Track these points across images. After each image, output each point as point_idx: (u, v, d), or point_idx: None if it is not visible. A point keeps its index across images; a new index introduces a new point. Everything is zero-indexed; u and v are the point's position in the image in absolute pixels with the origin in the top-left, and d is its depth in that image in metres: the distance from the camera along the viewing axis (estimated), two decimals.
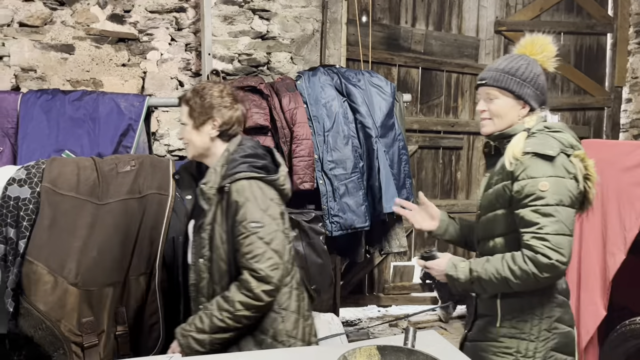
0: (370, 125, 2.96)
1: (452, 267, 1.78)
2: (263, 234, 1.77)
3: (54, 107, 2.65)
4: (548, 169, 1.66)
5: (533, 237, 1.65)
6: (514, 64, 1.80)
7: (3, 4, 3.00)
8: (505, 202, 1.75)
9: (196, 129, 1.91)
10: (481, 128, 1.86)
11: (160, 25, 3.31)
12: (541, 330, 1.76)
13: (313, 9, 3.61)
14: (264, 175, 1.83)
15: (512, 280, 1.66)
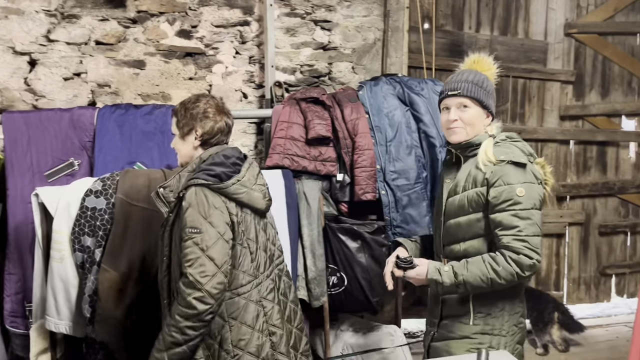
0: (434, 134, 2.91)
1: (436, 272, 1.85)
2: (199, 240, 1.81)
3: (127, 121, 2.77)
4: (522, 176, 1.82)
5: (514, 239, 1.77)
6: (479, 77, 1.96)
7: (81, 23, 3.17)
8: (478, 207, 1.87)
9: (182, 139, 2.03)
10: (450, 136, 1.97)
11: (225, 39, 3.40)
12: (510, 325, 1.91)
13: (374, 18, 3.60)
14: (211, 183, 1.86)
15: (497, 281, 1.79)
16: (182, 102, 2.07)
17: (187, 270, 1.80)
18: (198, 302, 1.78)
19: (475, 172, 1.90)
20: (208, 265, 1.80)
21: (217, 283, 1.80)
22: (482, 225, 1.88)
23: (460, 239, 1.93)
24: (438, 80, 3.12)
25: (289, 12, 3.46)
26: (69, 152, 2.72)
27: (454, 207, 1.94)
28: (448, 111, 1.97)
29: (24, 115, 2.75)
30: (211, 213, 1.84)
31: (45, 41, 3.14)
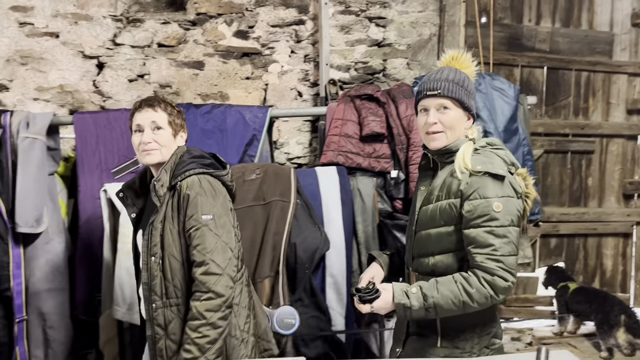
0: (492, 130, 2.85)
1: (403, 295, 1.64)
2: (213, 227, 1.80)
3: (187, 120, 2.82)
4: (499, 189, 1.64)
5: (488, 258, 1.61)
6: (459, 76, 1.74)
7: (144, 27, 3.31)
8: (450, 220, 1.70)
9: (174, 136, 1.98)
10: (430, 142, 1.75)
11: (281, 38, 3.45)
12: (481, 347, 1.72)
13: (430, 13, 3.56)
14: (213, 171, 1.89)
15: (469, 304, 1.61)
16: (164, 100, 2.03)
17: (205, 257, 1.77)
18: (224, 287, 1.76)
19: (450, 181, 1.71)
20: (225, 250, 1.80)
21: (234, 266, 1.83)
22: (453, 239, 1.70)
23: (429, 253, 1.75)
24: (496, 75, 3.06)
25: (343, 9, 3.47)
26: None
27: (426, 218, 1.76)
28: (426, 113, 1.75)
29: (93, 115, 2.89)
30: (219, 199, 1.86)
31: (111, 45, 3.30)
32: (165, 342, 1.85)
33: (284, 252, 2.51)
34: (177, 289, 1.84)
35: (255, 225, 2.54)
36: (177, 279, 1.84)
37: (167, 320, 1.85)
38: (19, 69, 3.23)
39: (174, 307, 1.85)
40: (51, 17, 3.22)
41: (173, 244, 1.84)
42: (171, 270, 1.84)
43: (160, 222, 1.86)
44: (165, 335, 1.85)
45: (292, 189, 2.62)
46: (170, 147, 1.95)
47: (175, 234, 1.84)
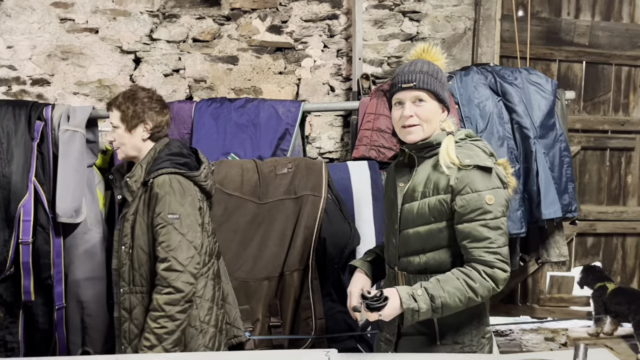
0: (528, 125, 2.80)
1: (410, 299, 1.58)
2: (179, 226, 1.88)
3: (221, 114, 2.91)
4: (489, 182, 1.63)
5: (486, 251, 1.60)
6: (433, 67, 1.72)
7: (180, 22, 3.37)
8: (441, 216, 1.67)
9: (128, 132, 2.03)
10: (406, 136, 1.71)
11: (314, 33, 3.46)
12: (480, 339, 1.72)
13: (465, 7, 3.51)
14: (185, 171, 1.95)
15: (474, 299, 1.60)
16: (125, 95, 2.07)
17: (168, 255, 1.87)
18: (184, 284, 1.86)
19: (436, 177, 1.68)
20: (188, 248, 1.89)
21: (197, 264, 1.92)
22: (444, 235, 1.68)
23: (420, 250, 1.71)
24: (533, 69, 3.00)
25: (377, 4, 3.46)
26: None
27: (412, 215, 1.71)
28: (402, 106, 1.70)
29: None
30: (187, 199, 1.93)
31: (148, 40, 3.36)
32: (129, 326, 1.98)
33: (314, 247, 2.52)
34: (142, 278, 1.96)
35: (286, 219, 2.56)
36: (144, 269, 1.96)
37: (132, 305, 1.98)
38: (59, 64, 3.32)
39: (138, 294, 1.97)
40: (91, 13, 3.30)
41: (142, 237, 1.95)
42: (138, 261, 1.96)
43: (132, 214, 1.97)
44: (129, 318, 1.98)
45: (323, 184, 2.62)
46: (127, 143, 2.04)
47: (145, 228, 1.95)
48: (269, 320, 2.43)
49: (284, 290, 2.46)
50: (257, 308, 2.42)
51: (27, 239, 2.70)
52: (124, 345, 2.00)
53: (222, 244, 2.43)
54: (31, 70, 3.32)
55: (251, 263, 2.44)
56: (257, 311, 2.42)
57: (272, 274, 2.46)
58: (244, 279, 2.41)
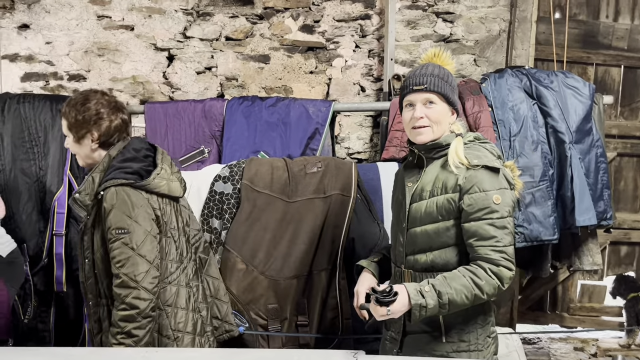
0: (564, 130, 2.74)
1: (418, 295, 1.62)
2: (128, 240, 1.79)
3: (252, 112, 2.92)
4: (496, 182, 1.68)
5: (492, 249, 1.64)
6: (443, 71, 1.78)
7: (213, 20, 3.40)
8: (449, 215, 1.72)
9: (77, 142, 1.93)
10: (416, 136, 1.77)
11: (346, 33, 3.45)
12: (485, 338, 1.75)
13: (500, 9, 3.45)
14: (132, 182, 1.83)
15: (480, 297, 1.63)
16: (70, 103, 1.94)
17: (119, 271, 1.78)
18: (137, 300, 1.77)
19: (445, 177, 1.73)
20: (140, 263, 1.79)
21: (152, 278, 1.81)
22: (451, 234, 1.72)
23: (427, 249, 1.75)
24: (570, 73, 2.93)
25: (410, 4, 3.43)
26: (201, 141, 2.93)
27: (420, 214, 1.75)
28: (412, 108, 1.76)
29: (163, 105, 3.00)
30: (136, 212, 1.82)
31: (182, 38, 3.40)
32: (102, 338, 1.94)
33: (342, 246, 2.51)
34: (107, 290, 1.90)
35: (314, 218, 2.55)
36: (106, 282, 1.88)
37: (102, 317, 1.94)
38: (95, 60, 3.39)
39: (105, 306, 1.92)
40: (127, 11, 3.36)
41: (100, 250, 1.88)
42: (100, 274, 1.90)
43: (90, 227, 1.90)
44: (100, 331, 1.95)
45: (352, 184, 2.61)
46: (80, 152, 1.95)
47: (101, 241, 1.87)
48: (296, 319, 2.44)
49: (311, 289, 2.45)
50: (285, 307, 2.42)
51: (60, 231, 2.77)
52: None
53: (254, 242, 2.44)
54: (68, 65, 3.39)
55: (281, 261, 2.44)
56: (285, 310, 2.42)
57: (300, 273, 2.45)
58: (274, 277, 2.41)
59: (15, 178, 2.78)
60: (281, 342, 2.42)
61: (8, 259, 2.59)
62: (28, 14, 3.32)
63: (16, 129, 2.81)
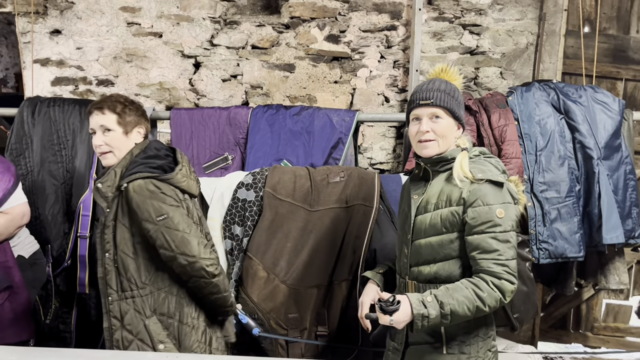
0: (592, 145, 2.69)
1: (421, 305, 1.65)
2: (170, 223, 1.89)
3: (277, 121, 2.93)
4: (500, 196, 1.69)
5: (494, 263, 1.65)
6: (450, 86, 1.81)
7: (240, 29, 3.43)
8: (453, 227, 1.74)
9: (125, 135, 2.03)
10: (422, 150, 1.81)
11: (372, 43, 3.45)
12: (486, 351, 1.77)
13: (528, 22, 3.42)
14: (158, 175, 1.94)
15: (482, 309, 1.65)
16: (119, 100, 2.06)
17: (174, 253, 1.89)
18: (203, 270, 1.92)
19: (449, 190, 1.75)
20: (189, 239, 1.91)
21: (204, 247, 1.94)
22: (455, 246, 1.74)
23: (430, 260, 1.78)
24: (599, 87, 2.88)
25: (437, 16, 3.42)
26: (225, 147, 2.94)
27: (425, 226, 1.79)
28: (419, 122, 1.80)
29: (189, 112, 3.03)
30: (168, 199, 1.93)
31: (209, 45, 3.44)
32: (122, 334, 1.97)
33: (364, 257, 2.49)
34: (131, 283, 1.96)
35: (335, 228, 2.54)
36: (131, 273, 1.95)
37: (123, 312, 1.97)
38: (124, 66, 3.44)
39: (129, 299, 1.96)
40: (156, 18, 3.41)
41: (125, 242, 1.95)
42: (124, 266, 1.95)
43: (112, 220, 1.96)
44: (121, 326, 1.97)
45: (375, 194, 2.60)
46: (122, 147, 2.03)
47: (127, 233, 1.95)
48: (315, 329, 2.42)
49: (332, 299, 2.44)
50: (305, 316, 2.41)
51: (85, 233, 2.80)
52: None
53: (275, 250, 2.44)
54: (97, 71, 3.45)
55: (302, 270, 2.44)
56: (305, 319, 2.41)
57: (321, 283, 2.45)
58: (294, 286, 2.41)
59: (43, 180, 2.83)
60: (300, 353, 2.41)
61: (31, 260, 2.62)
62: (60, 20, 3.39)
63: (46, 132, 2.86)
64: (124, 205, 1.94)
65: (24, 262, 2.55)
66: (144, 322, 1.95)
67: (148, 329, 1.95)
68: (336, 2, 3.41)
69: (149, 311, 1.96)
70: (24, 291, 2.46)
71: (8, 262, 2.42)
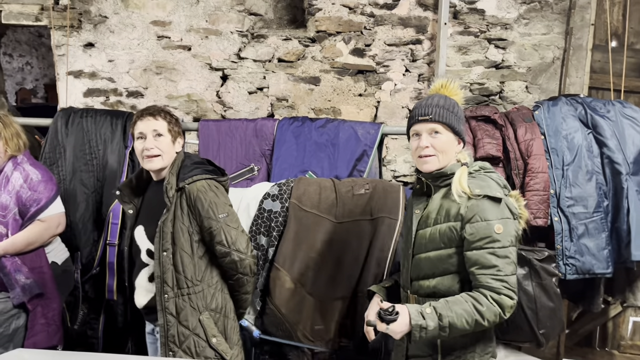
0: (620, 160, 2.66)
1: (419, 316, 1.66)
2: (229, 221, 2.07)
3: (302, 133, 2.96)
4: (499, 211, 1.69)
5: (493, 278, 1.66)
6: (449, 102, 1.82)
7: (267, 43, 3.49)
8: (451, 242, 1.75)
9: (173, 142, 2.19)
10: (422, 165, 1.82)
11: (397, 57, 3.48)
12: None
13: (555, 36, 3.42)
14: (217, 177, 2.14)
15: (480, 322, 1.65)
16: (167, 110, 2.24)
17: (229, 249, 2.05)
18: (254, 265, 2.12)
19: (448, 205, 1.76)
20: (243, 236, 2.10)
21: (252, 247, 2.14)
22: (453, 261, 1.75)
23: (429, 275, 1.79)
24: (627, 102, 2.86)
25: (462, 30, 3.44)
26: (251, 158, 2.99)
27: (425, 240, 1.81)
28: (419, 137, 1.82)
29: (216, 123, 3.08)
30: (226, 199, 2.13)
31: (236, 58, 3.50)
32: (178, 329, 2.07)
33: (388, 270, 2.50)
34: (187, 280, 2.07)
35: (360, 240, 2.55)
36: (188, 270, 2.07)
37: (179, 308, 2.07)
38: (153, 78, 3.52)
39: (185, 296, 2.07)
40: (185, 32, 3.49)
41: (184, 241, 2.07)
42: (182, 264, 2.07)
43: (171, 220, 2.08)
44: (177, 322, 2.06)
45: (400, 207, 2.60)
46: (169, 152, 2.17)
47: (186, 231, 2.08)
48: (339, 340, 2.43)
49: (355, 311, 2.45)
50: (330, 328, 2.42)
51: (114, 241, 2.86)
52: (172, 350, 2.08)
53: (302, 261, 2.46)
54: (128, 82, 3.54)
55: (327, 282, 2.45)
56: (329, 331, 2.42)
57: (345, 294, 2.45)
58: (320, 297, 2.42)
59: (74, 188, 2.90)
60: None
61: (63, 267, 2.69)
62: (94, 34, 3.50)
63: (78, 142, 2.94)
64: (183, 206, 2.09)
65: (57, 269, 2.61)
66: (198, 318, 2.07)
67: (202, 324, 2.07)
68: (362, 16, 3.45)
69: (202, 307, 2.09)
70: (56, 297, 2.51)
71: (43, 268, 2.49)
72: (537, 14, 3.42)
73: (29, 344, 2.40)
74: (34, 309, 2.43)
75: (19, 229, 2.46)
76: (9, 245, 2.41)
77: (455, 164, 1.82)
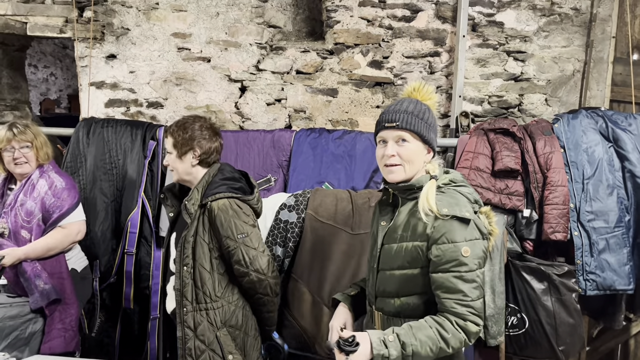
0: None
1: (381, 345, 1.54)
2: (249, 242, 2.05)
3: (319, 144, 2.98)
4: (466, 233, 1.59)
5: (458, 303, 1.58)
6: (419, 107, 1.69)
7: (285, 55, 3.52)
8: (416, 263, 1.65)
9: (179, 158, 2.17)
10: (388, 175, 1.70)
11: (415, 69, 3.48)
12: None
13: (575, 49, 3.39)
14: (241, 196, 2.10)
15: (445, 350, 1.57)
16: (178, 124, 2.20)
17: (247, 270, 2.05)
18: (269, 288, 2.10)
19: (414, 222, 1.65)
20: (262, 257, 2.08)
21: (273, 266, 2.13)
22: (419, 282, 1.65)
23: (394, 294, 1.69)
24: None
25: (481, 42, 3.42)
26: (268, 169, 3.01)
27: (390, 257, 1.70)
28: (385, 145, 1.69)
29: (234, 134, 3.11)
30: (247, 219, 2.09)
31: (255, 70, 3.54)
32: (195, 343, 2.07)
33: None
34: (206, 296, 2.07)
35: None
36: (207, 286, 2.08)
37: (197, 322, 2.08)
38: (173, 89, 3.57)
39: (203, 311, 2.08)
40: (205, 44, 3.54)
41: (203, 256, 2.09)
42: (201, 279, 2.08)
43: (192, 236, 2.10)
44: (194, 336, 2.07)
45: None
46: (179, 168, 2.18)
47: (206, 248, 2.09)
48: None
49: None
50: None
51: (131, 250, 2.89)
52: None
53: (319, 273, 2.46)
54: (148, 93, 3.59)
55: None
56: None
57: None
58: None
59: (94, 197, 2.94)
60: None
61: (82, 274, 2.72)
62: (116, 45, 3.56)
63: (99, 151, 2.99)
64: (205, 222, 2.10)
65: (76, 276, 2.64)
66: (215, 334, 2.08)
67: (219, 340, 2.08)
68: (380, 28, 3.46)
69: (220, 323, 2.09)
70: (74, 303, 2.54)
71: (62, 274, 2.53)
72: (556, 27, 3.39)
73: (45, 348, 2.43)
74: (51, 314, 2.47)
75: (42, 234, 2.50)
76: (30, 249, 2.46)
77: (424, 175, 1.69)
